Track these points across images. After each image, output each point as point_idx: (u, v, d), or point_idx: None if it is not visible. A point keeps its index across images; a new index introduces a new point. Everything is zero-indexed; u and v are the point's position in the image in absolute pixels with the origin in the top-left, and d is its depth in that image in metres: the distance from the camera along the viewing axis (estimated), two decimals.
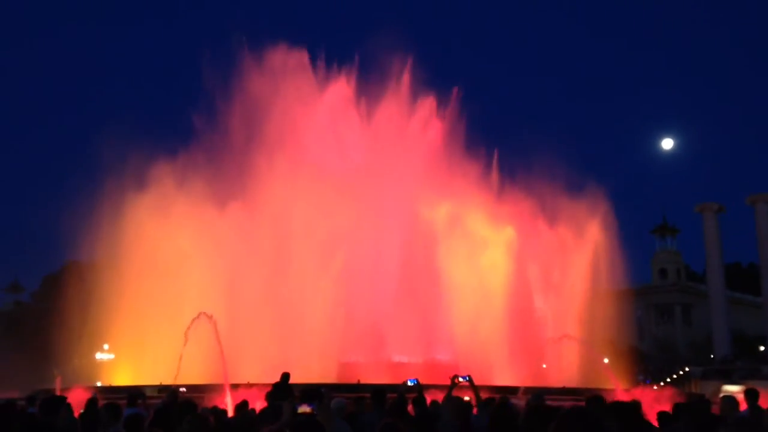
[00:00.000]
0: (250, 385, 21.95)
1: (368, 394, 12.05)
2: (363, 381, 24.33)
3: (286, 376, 17.70)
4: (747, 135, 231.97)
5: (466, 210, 35.47)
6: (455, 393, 10.81)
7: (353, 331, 31.62)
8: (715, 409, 12.07)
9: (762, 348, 68.76)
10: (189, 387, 20.81)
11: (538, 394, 10.66)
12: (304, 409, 7.99)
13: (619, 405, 6.79)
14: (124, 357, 34.05)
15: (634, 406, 7.10)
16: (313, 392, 11.31)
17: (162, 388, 20.81)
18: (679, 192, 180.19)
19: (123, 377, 31.29)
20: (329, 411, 7.04)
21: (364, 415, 10.96)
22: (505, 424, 7.12)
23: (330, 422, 7.00)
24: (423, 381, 14.71)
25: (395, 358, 31.06)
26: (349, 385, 23.37)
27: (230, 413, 13.64)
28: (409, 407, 11.07)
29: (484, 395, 12.34)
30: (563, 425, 3.17)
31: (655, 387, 55.54)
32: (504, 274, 34.22)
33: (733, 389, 35.56)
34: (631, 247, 39.54)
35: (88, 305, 32.75)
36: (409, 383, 15.49)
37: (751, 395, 11.37)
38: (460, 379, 11.53)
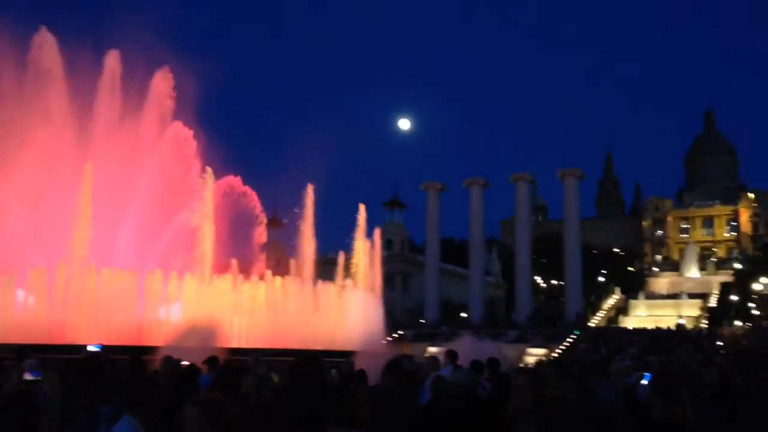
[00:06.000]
0: None
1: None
2: None
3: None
4: (472, 121, 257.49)
5: None
6: None
7: None
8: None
9: (464, 315, 77.57)
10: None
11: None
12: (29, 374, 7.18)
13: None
14: None
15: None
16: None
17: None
18: (411, 169, 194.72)
19: None
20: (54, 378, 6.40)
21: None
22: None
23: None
24: None
25: None
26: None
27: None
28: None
29: None
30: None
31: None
32: None
33: (436, 350, 39.58)
34: (368, 218, 42.58)
35: None
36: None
37: (450, 355, 12.50)
38: None
